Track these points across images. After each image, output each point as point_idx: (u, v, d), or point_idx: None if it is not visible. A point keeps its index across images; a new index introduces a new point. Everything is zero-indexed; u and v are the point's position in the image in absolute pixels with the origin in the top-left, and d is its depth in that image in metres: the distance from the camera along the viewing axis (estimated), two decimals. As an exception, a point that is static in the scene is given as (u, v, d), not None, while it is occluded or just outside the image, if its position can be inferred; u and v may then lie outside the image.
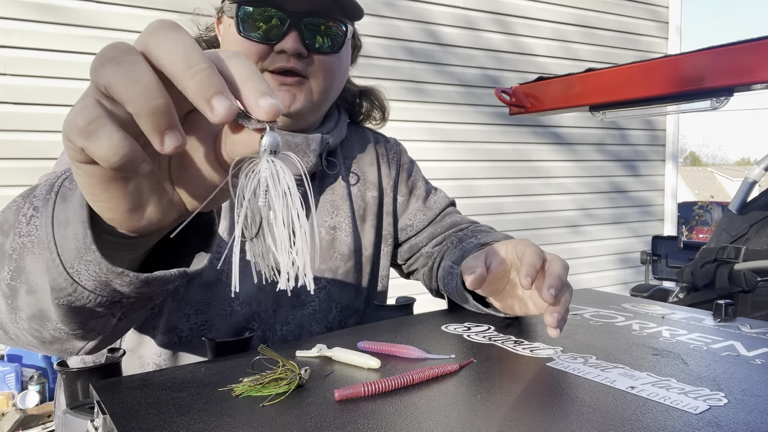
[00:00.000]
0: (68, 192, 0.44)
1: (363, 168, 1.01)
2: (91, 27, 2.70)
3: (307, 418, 0.47)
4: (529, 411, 0.48)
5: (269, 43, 0.80)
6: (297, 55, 0.81)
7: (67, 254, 0.42)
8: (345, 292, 0.94)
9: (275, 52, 0.81)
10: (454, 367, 0.59)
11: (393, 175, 1.05)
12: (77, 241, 0.41)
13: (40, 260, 0.45)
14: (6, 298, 0.48)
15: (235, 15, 0.80)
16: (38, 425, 2.37)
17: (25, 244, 0.45)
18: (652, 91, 1.19)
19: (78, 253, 0.42)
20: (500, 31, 3.93)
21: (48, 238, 0.43)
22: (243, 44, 0.81)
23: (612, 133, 4.48)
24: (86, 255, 0.41)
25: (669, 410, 0.48)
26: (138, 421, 0.47)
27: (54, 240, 0.42)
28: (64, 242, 0.42)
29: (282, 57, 0.81)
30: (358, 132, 1.05)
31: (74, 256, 0.42)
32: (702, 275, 1.66)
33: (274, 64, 0.81)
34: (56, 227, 0.42)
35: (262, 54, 0.81)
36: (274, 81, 0.82)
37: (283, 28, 0.80)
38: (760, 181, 2.11)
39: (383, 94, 1.08)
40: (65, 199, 0.43)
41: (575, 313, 0.84)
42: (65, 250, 0.42)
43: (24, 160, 2.59)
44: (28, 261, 0.45)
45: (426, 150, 3.56)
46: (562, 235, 4.26)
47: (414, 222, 1.04)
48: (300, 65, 0.82)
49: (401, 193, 1.05)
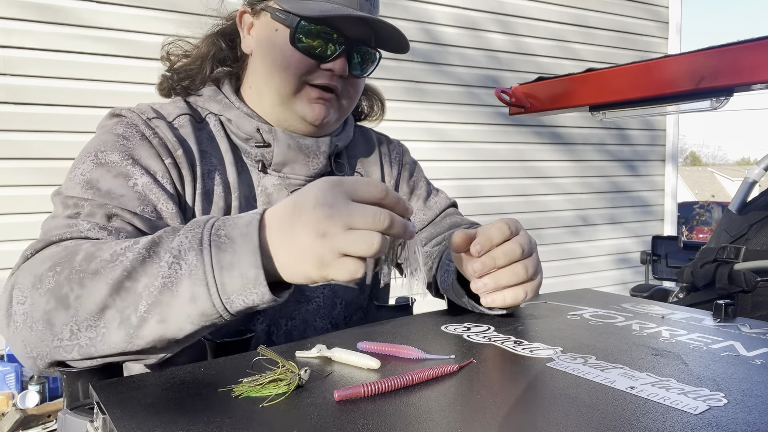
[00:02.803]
0: (224, 245, 0.56)
1: (367, 168, 1.03)
2: (91, 27, 2.70)
3: (306, 418, 0.47)
4: (529, 411, 0.48)
5: (320, 60, 0.83)
6: (340, 75, 0.85)
7: (228, 288, 0.56)
8: (349, 288, 0.95)
9: (321, 69, 0.84)
10: (453, 367, 0.59)
11: (395, 174, 1.06)
12: (245, 279, 0.55)
13: (177, 296, 0.56)
14: (129, 328, 0.57)
15: (294, 27, 0.81)
16: (38, 425, 2.37)
17: (165, 284, 0.56)
18: (652, 91, 1.18)
19: (243, 288, 0.56)
20: (500, 31, 3.93)
21: (207, 278, 0.55)
22: (293, 54, 0.83)
23: (612, 133, 4.48)
24: (254, 289, 0.56)
25: (669, 411, 0.48)
26: (137, 421, 0.47)
27: (215, 278, 0.55)
28: (228, 279, 0.55)
29: (326, 74, 0.84)
30: (361, 132, 1.07)
31: (237, 290, 0.56)
32: (702, 275, 1.65)
33: (317, 80, 0.84)
34: (218, 270, 0.55)
35: (309, 68, 0.83)
36: (314, 93, 0.85)
37: (336, 50, 0.83)
38: (760, 181, 2.11)
39: (378, 89, 1.10)
40: (222, 249, 0.56)
41: (575, 313, 0.84)
42: (226, 285, 0.56)
43: (24, 160, 2.59)
44: (166, 297, 0.56)
45: (426, 150, 3.56)
46: (561, 236, 4.26)
47: (414, 222, 1.04)
48: (339, 84, 0.86)
49: (402, 192, 1.06)
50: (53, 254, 0.61)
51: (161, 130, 0.81)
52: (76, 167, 0.77)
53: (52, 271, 0.58)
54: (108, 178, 0.74)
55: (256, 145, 0.87)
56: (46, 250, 0.63)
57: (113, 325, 0.56)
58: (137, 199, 0.74)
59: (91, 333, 0.57)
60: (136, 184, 0.75)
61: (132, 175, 0.76)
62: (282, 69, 0.84)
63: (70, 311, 0.56)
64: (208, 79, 0.92)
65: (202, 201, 0.83)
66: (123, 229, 0.71)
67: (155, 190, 0.76)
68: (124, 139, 0.78)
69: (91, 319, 0.56)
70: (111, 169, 0.75)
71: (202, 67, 0.92)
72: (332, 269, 0.54)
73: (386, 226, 0.55)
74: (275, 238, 0.56)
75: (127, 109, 0.83)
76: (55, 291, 0.57)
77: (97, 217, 0.70)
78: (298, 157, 0.89)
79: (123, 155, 0.77)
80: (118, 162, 0.76)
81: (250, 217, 0.57)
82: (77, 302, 0.56)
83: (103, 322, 0.56)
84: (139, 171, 0.76)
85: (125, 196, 0.74)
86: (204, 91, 0.91)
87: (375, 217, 0.55)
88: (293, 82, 0.84)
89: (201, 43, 0.94)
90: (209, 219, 0.59)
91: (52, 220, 0.71)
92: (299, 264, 0.55)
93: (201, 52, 0.93)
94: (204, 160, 0.84)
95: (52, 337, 0.57)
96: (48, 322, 0.57)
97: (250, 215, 0.58)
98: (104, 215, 0.70)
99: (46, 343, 0.58)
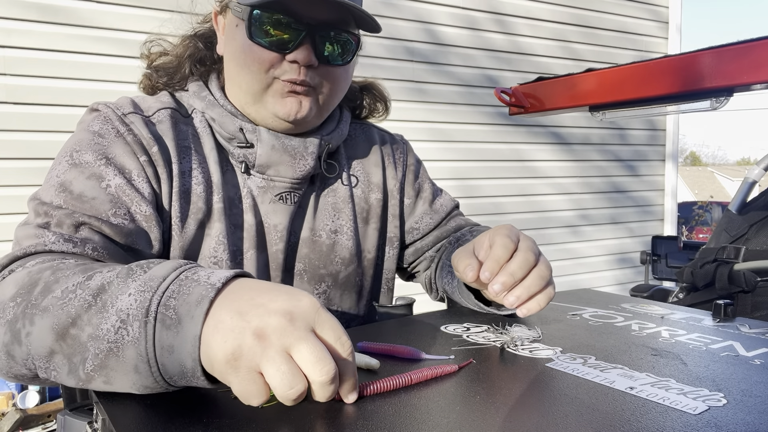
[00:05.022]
0: (169, 321, 0.49)
1: (367, 169, 0.99)
2: (91, 27, 2.70)
3: (306, 419, 0.47)
4: (529, 412, 0.48)
5: (281, 52, 0.78)
6: (307, 66, 0.79)
7: (168, 370, 0.49)
8: (346, 296, 0.94)
9: (287, 62, 0.79)
10: (453, 367, 0.59)
11: (399, 176, 1.03)
12: (183, 368, 0.49)
13: (122, 362, 0.50)
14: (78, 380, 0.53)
15: (247, 18, 0.77)
16: (38, 425, 2.37)
17: (111, 349, 0.51)
18: (652, 91, 1.19)
19: (182, 375, 0.49)
20: (500, 31, 3.93)
21: (149, 355, 0.49)
22: (252, 49, 0.78)
23: (612, 133, 4.48)
24: (192, 379, 0.49)
25: (668, 411, 0.48)
26: (137, 422, 0.47)
27: (156, 357, 0.49)
28: (168, 362, 0.49)
29: (293, 67, 0.79)
30: (363, 130, 1.03)
31: (177, 375, 0.49)
32: (702, 275, 1.65)
33: (284, 75, 0.79)
34: (159, 349, 0.49)
35: (272, 62, 0.78)
36: (283, 88, 0.80)
37: (297, 38, 0.77)
38: (760, 181, 2.11)
39: (383, 86, 1.07)
40: (167, 326, 0.49)
41: (575, 314, 0.84)
42: (167, 367, 0.49)
43: (24, 160, 2.59)
44: (111, 361, 0.51)
45: (426, 150, 3.56)
46: (561, 235, 4.25)
47: (420, 225, 1.03)
48: (309, 76, 0.80)
49: (408, 195, 1.04)
50: (18, 280, 0.60)
51: (136, 126, 0.78)
52: (53, 168, 0.76)
53: (13, 302, 0.57)
54: (81, 180, 0.73)
55: (239, 146, 0.84)
56: (14, 275, 0.61)
57: (63, 371, 0.54)
58: (109, 202, 0.73)
59: (45, 373, 0.56)
60: (109, 186, 0.74)
61: (105, 176, 0.74)
62: (245, 66, 0.80)
63: (23, 348, 0.55)
64: (188, 77, 0.89)
65: (180, 200, 0.80)
66: (89, 239, 0.69)
67: (129, 191, 0.75)
68: (99, 137, 0.77)
69: (41, 361, 0.55)
70: (84, 170, 0.74)
71: (180, 65, 0.89)
72: (236, 375, 0.46)
73: (322, 382, 0.46)
74: (221, 326, 0.47)
75: (103, 104, 0.81)
76: (11, 324, 0.56)
77: (65, 227, 0.69)
78: (283, 158, 0.84)
79: (97, 155, 0.75)
80: (92, 162, 0.75)
81: (204, 291, 0.49)
82: (28, 340, 0.55)
83: (53, 365, 0.54)
84: (112, 171, 0.75)
85: (97, 199, 0.72)
86: (190, 87, 0.88)
87: (318, 364, 0.45)
88: (260, 78, 0.80)
89: (179, 44, 0.92)
90: (168, 275, 0.52)
91: (24, 228, 0.70)
92: (215, 344, 0.46)
93: (178, 51, 0.90)
94: (183, 157, 0.82)
95: (19, 366, 0.57)
96: (8, 354, 0.56)
97: (206, 288, 0.50)
98: (72, 225, 0.69)
99: (15, 370, 0.58)
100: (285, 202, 0.87)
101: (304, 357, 0.46)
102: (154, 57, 0.92)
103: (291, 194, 0.87)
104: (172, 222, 0.79)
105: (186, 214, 0.80)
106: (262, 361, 0.45)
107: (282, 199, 0.87)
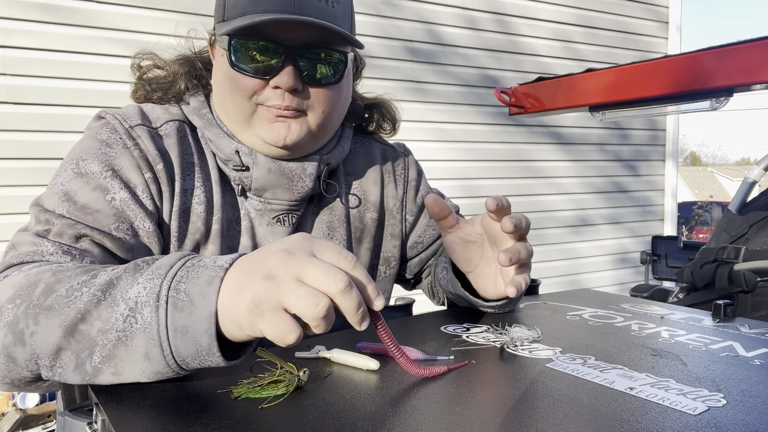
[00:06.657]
0: (181, 303, 0.52)
1: (365, 187, 0.97)
2: (91, 27, 2.70)
3: (306, 420, 0.47)
4: (528, 412, 0.48)
5: (264, 77, 0.76)
6: (293, 91, 0.77)
7: (182, 352, 0.52)
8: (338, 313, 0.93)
9: (270, 87, 0.77)
10: (452, 368, 0.59)
11: (400, 194, 1.00)
12: (199, 346, 0.51)
13: (131, 351, 0.53)
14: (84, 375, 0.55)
15: (227, 47, 0.76)
16: (38, 425, 2.37)
17: (120, 338, 0.53)
18: (652, 91, 1.19)
19: (196, 354, 0.52)
20: (501, 30, 3.92)
21: (161, 339, 0.51)
22: (236, 77, 0.77)
23: (612, 132, 4.47)
24: (207, 357, 0.52)
25: (668, 411, 0.48)
26: (136, 423, 0.47)
27: (168, 340, 0.51)
28: (181, 343, 0.51)
29: (277, 93, 0.77)
30: (364, 145, 1.00)
31: (191, 355, 0.52)
32: (702, 275, 1.65)
33: (268, 101, 0.77)
34: (172, 332, 0.51)
35: (255, 88, 0.77)
36: (269, 113, 0.78)
37: (278, 62, 0.75)
38: (759, 181, 2.11)
39: (394, 106, 1.02)
40: (179, 308, 0.51)
41: (574, 314, 0.84)
42: (180, 349, 0.52)
43: (24, 160, 2.59)
44: (120, 351, 0.53)
45: (426, 150, 3.56)
46: (562, 235, 4.25)
47: (424, 238, 1.03)
48: (296, 102, 0.78)
49: (410, 212, 1.01)
50: (15, 283, 0.60)
51: (143, 141, 0.78)
52: (58, 174, 0.75)
53: (11, 303, 0.57)
54: (86, 191, 0.73)
55: (234, 168, 0.82)
56: (9, 278, 0.61)
57: (69, 368, 0.55)
58: (113, 216, 0.73)
59: (50, 372, 0.56)
60: (113, 199, 0.74)
61: (111, 189, 0.74)
62: (230, 94, 0.79)
63: (27, 348, 0.55)
64: (184, 92, 0.88)
65: (179, 218, 0.79)
66: (89, 251, 0.69)
67: (133, 206, 0.75)
68: (106, 146, 0.76)
69: (47, 359, 0.55)
70: (90, 180, 0.74)
71: (175, 82, 0.88)
72: (264, 320, 0.48)
73: (340, 290, 0.48)
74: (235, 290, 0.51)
75: (111, 113, 0.80)
76: (12, 325, 0.56)
77: (65, 237, 0.69)
78: (281, 181, 0.83)
79: (103, 165, 0.75)
80: (98, 173, 0.74)
81: (214, 272, 0.52)
82: (32, 339, 0.55)
83: (59, 363, 0.55)
84: (118, 185, 0.74)
85: (101, 212, 0.72)
86: (192, 101, 0.86)
87: (330, 275, 0.48)
88: (244, 105, 0.78)
89: (174, 60, 0.90)
90: (174, 263, 0.55)
91: (22, 234, 0.70)
92: (235, 305, 0.50)
93: (173, 69, 0.88)
94: (187, 174, 0.81)
95: (19, 369, 0.57)
96: (9, 357, 0.56)
97: (215, 270, 0.52)
98: (73, 236, 0.69)
99: (15, 374, 0.58)
100: (283, 224, 0.86)
101: (314, 276, 0.48)
102: (146, 69, 0.91)
103: (289, 216, 0.87)
104: (171, 240, 0.79)
105: (184, 233, 0.80)
106: (281, 295, 0.48)
107: (279, 222, 0.86)
